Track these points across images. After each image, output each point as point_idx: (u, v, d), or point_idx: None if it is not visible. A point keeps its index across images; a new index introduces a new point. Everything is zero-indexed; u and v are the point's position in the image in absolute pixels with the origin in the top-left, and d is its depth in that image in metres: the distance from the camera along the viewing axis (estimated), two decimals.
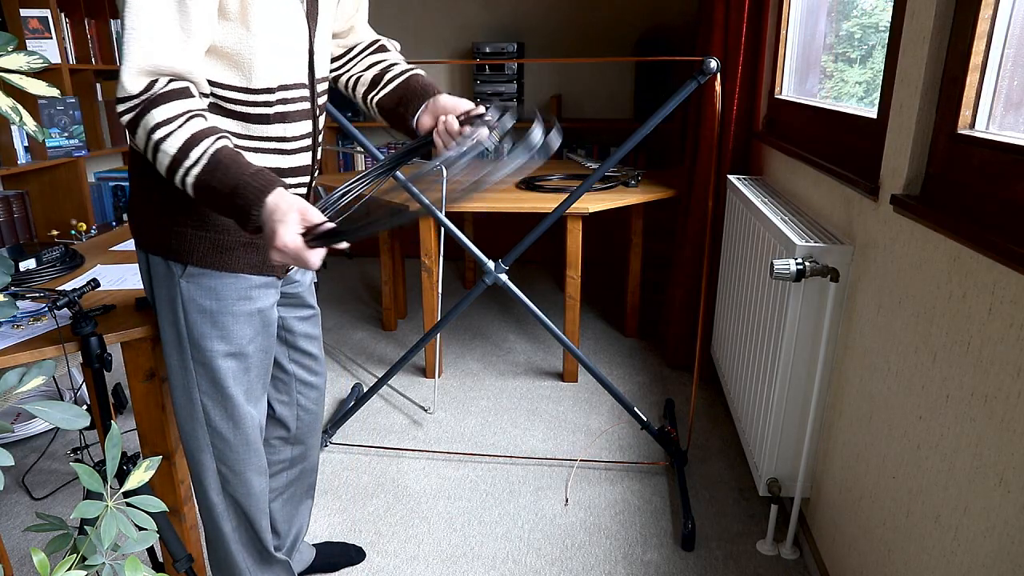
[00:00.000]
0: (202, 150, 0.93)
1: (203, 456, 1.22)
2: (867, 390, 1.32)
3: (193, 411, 1.18)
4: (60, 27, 2.92)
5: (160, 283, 1.12)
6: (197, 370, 1.15)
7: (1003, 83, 1.06)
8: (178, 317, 1.12)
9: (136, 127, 0.94)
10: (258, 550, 1.33)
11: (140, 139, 0.95)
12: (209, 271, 1.09)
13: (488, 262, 1.98)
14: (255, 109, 1.05)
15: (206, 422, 1.19)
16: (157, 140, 0.93)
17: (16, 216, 2.90)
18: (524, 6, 3.86)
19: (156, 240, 1.09)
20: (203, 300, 1.10)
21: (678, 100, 1.65)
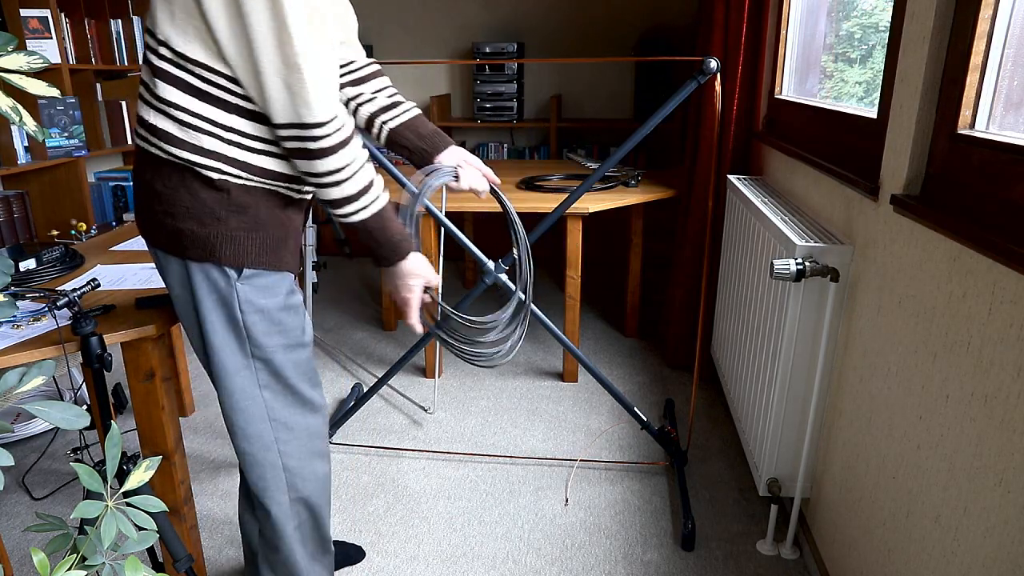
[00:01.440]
0: (375, 194, 1.10)
1: (269, 455, 1.21)
2: (867, 390, 1.32)
3: (258, 411, 1.18)
4: (60, 27, 2.92)
5: (209, 290, 1.10)
6: (258, 367, 1.16)
7: (1003, 83, 1.06)
8: (236, 320, 1.12)
9: (329, 154, 1.02)
10: (319, 540, 1.32)
11: (325, 165, 1.03)
12: (262, 271, 1.12)
13: (488, 262, 1.98)
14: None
15: (269, 418, 1.19)
16: (353, 171, 1.06)
17: (16, 216, 2.90)
18: (524, 6, 3.86)
19: (206, 248, 1.07)
20: (260, 299, 1.12)
21: (678, 100, 1.65)
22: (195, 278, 1.10)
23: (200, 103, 1.03)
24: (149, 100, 1.04)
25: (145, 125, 1.04)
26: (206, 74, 1.01)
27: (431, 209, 1.98)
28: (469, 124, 3.86)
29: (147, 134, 1.05)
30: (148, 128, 1.04)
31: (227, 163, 1.05)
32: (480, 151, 4.09)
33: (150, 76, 1.03)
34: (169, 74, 1.02)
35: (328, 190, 1.06)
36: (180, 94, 1.02)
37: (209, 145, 1.04)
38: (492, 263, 1.98)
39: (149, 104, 1.04)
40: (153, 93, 1.03)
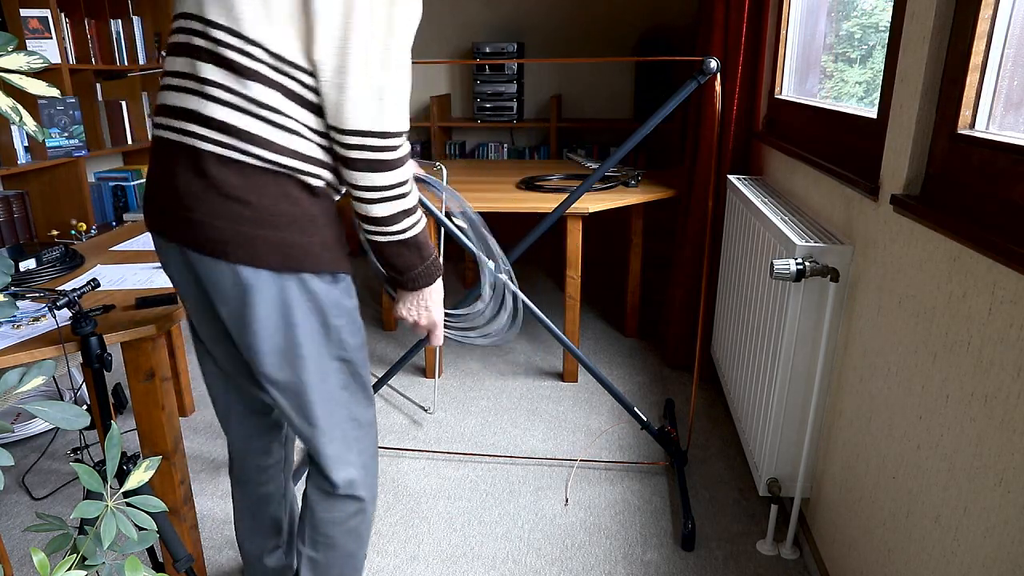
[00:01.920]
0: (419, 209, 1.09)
1: (351, 455, 1.20)
2: (867, 390, 1.32)
3: (342, 412, 1.18)
4: (60, 27, 2.92)
5: (305, 299, 1.07)
6: (342, 369, 1.16)
7: (1003, 83, 1.06)
8: (328, 325, 1.11)
9: (399, 166, 1.02)
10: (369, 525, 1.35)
11: (394, 177, 1.01)
12: (345, 275, 1.12)
13: (488, 262, 1.98)
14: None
15: (350, 417, 1.19)
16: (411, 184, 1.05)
17: (16, 216, 2.90)
18: (524, 6, 3.86)
19: (308, 257, 1.05)
20: (346, 301, 1.13)
21: (678, 100, 1.65)
22: (290, 290, 1.05)
23: (298, 108, 0.99)
24: (234, 103, 0.97)
25: (229, 130, 0.97)
26: (301, 76, 0.98)
27: (431, 209, 1.98)
28: (469, 124, 3.86)
29: (233, 139, 0.97)
30: (235, 133, 0.97)
31: (327, 169, 1.03)
32: (480, 151, 4.09)
33: (233, 77, 0.96)
34: (266, 77, 0.96)
35: (389, 204, 1.02)
36: (280, 98, 0.98)
37: (311, 151, 1.01)
38: (492, 263, 1.98)
39: (234, 107, 0.97)
40: (242, 95, 0.97)
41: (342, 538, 1.24)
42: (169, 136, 1.01)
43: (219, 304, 1.05)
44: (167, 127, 1.02)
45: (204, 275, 1.03)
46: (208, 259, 1.01)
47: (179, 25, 1.01)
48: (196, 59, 0.98)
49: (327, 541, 1.23)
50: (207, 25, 0.96)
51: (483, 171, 3.03)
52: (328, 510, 1.22)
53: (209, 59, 0.97)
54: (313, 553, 1.24)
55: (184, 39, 0.99)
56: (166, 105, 1.02)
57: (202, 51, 0.97)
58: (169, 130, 1.01)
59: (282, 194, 1.01)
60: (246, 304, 1.04)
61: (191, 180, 0.99)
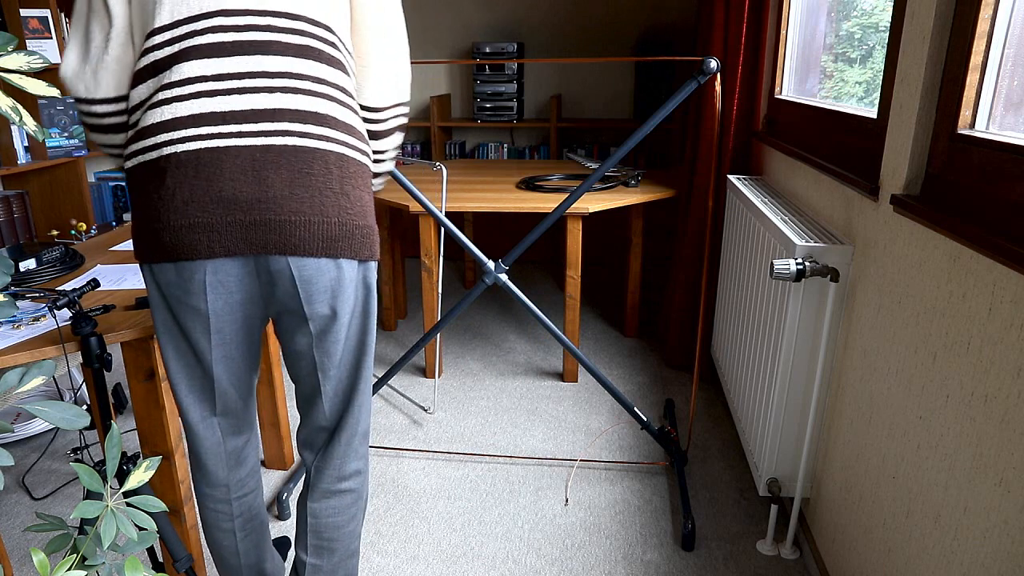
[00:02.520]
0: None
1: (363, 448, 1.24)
2: (867, 390, 1.32)
3: (366, 407, 1.21)
4: (60, 27, 2.92)
5: (371, 286, 1.12)
6: (369, 365, 1.20)
7: (1003, 83, 1.06)
8: (374, 311, 1.16)
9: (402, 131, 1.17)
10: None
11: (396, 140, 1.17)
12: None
13: (488, 262, 1.98)
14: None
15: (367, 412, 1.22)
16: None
17: (16, 216, 2.90)
18: (524, 6, 3.86)
19: (376, 244, 1.10)
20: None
21: (678, 100, 1.65)
22: (370, 278, 1.10)
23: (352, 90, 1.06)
24: (319, 91, 0.97)
25: (322, 120, 0.97)
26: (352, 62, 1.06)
27: (431, 209, 1.98)
28: (469, 124, 3.86)
29: (328, 130, 0.97)
30: (329, 123, 0.97)
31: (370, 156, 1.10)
32: (480, 151, 4.09)
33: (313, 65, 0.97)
34: (344, 63, 1.02)
35: (387, 164, 1.20)
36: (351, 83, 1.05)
37: (365, 133, 1.08)
38: (492, 263, 1.98)
39: (319, 95, 0.97)
40: (327, 82, 0.97)
41: (344, 540, 1.24)
42: (239, 143, 0.93)
43: (308, 303, 1.02)
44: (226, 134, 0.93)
45: (301, 278, 0.99)
46: (310, 260, 0.98)
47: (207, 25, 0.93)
48: (265, 54, 0.93)
49: (330, 545, 1.23)
50: (273, 16, 0.94)
51: (483, 171, 3.03)
52: (333, 511, 1.22)
53: (291, 52, 0.94)
54: (317, 560, 1.23)
55: (232, 37, 0.93)
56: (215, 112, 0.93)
57: (272, 44, 0.93)
58: (235, 136, 0.93)
59: (364, 183, 1.04)
60: (340, 299, 1.05)
61: (292, 181, 0.94)
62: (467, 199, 2.41)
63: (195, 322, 1.03)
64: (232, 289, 1.01)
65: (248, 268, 1.00)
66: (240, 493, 1.27)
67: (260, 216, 0.94)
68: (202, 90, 0.93)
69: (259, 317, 1.10)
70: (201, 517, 1.28)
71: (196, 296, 1.00)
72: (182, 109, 0.93)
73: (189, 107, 0.93)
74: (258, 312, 1.08)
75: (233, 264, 0.98)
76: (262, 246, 0.96)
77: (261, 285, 1.02)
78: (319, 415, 1.18)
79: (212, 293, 1.00)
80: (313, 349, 1.10)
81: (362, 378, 1.17)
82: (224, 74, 0.93)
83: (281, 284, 1.01)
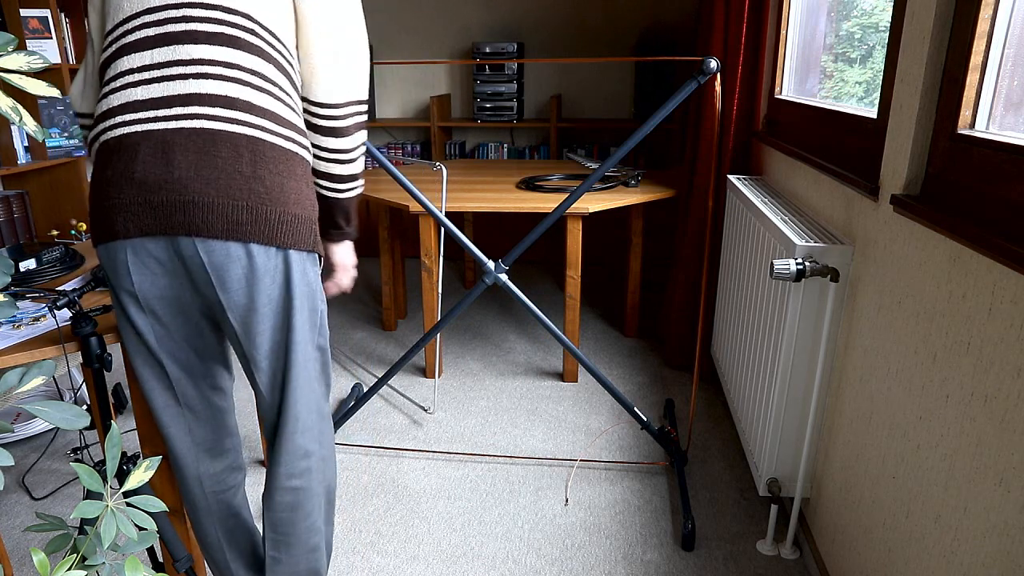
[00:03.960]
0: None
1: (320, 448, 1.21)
2: (867, 390, 1.32)
3: (315, 403, 1.18)
4: (60, 27, 2.92)
5: (302, 280, 1.09)
6: (319, 359, 1.18)
7: (1003, 83, 1.06)
8: (316, 309, 1.14)
9: (365, 128, 1.17)
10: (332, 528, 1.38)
11: (358, 139, 1.15)
12: (322, 258, 1.17)
13: (488, 262, 1.98)
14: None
15: (317, 410, 1.20)
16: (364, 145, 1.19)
17: (16, 216, 2.90)
18: (524, 6, 3.86)
19: (310, 236, 1.09)
20: (321, 286, 1.16)
21: (678, 100, 1.65)
22: (294, 270, 1.07)
23: (287, 81, 1.06)
24: (234, 76, 1.00)
25: (238, 104, 0.99)
26: (287, 55, 1.06)
27: (431, 209, 1.98)
28: (469, 124, 3.86)
29: (240, 113, 0.99)
30: (245, 107, 1.00)
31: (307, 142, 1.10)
32: (480, 151, 4.09)
33: (232, 52, 1.00)
34: (265, 51, 1.02)
35: (355, 164, 1.17)
36: (278, 73, 1.04)
37: (300, 124, 1.08)
38: (492, 263, 1.98)
39: (234, 80, 1.00)
40: (244, 68, 1.00)
41: (302, 535, 1.23)
42: (153, 127, 0.98)
43: (223, 291, 1.04)
44: (144, 119, 0.99)
45: (211, 264, 1.01)
46: (216, 243, 1.00)
47: (140, 22, 1.01)
48: (179, 44, 0.98)
49: (286, 540, 1.23)
50: (190, 7, 0.99)
51: (483, 171, 3.03)
52: (286, 506, 1.21)
53: (198, 39, 0.98)
54: (275, 554, 1.23)
55: (153, 31, 1.00)
56: (136, 100, 1.00)
57: (186, 34, 0.98)
58: (151, 121, 0.99)
59: (288, 171, 1.03)
60: (256, 288, 1.04)
61: (199, 163, 0.97)
62: (467, 199, 2.41)
63: (130, 303, 1.08)
64: (156, 271, 1.05)
65: (167, 252, 1.03)
66: (217, 488, 1.28)
67: (167, 197, 0.98)
68: (128, 82, 1.01)
69: (197, 307, 1.11)
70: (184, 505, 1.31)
71: (123, 276, 1.05)
72: (114, 100, 1.01)
73: (118, 97, 1.01)
74: (194, 301, 1.09)
75: (153, 245, 1.02)
76: (170, 227, 0.99)
77: (183, 271, 1.06)
78: (263, 402, 1.18)
79: (137, 274, 1.04)
80: (240, 339, 1.11)
81: (297, 366, 1.13)
82: (146, 65, 1.00)
83: (196, 271, 1.04)
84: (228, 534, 1.32)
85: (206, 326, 1.15)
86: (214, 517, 1.29)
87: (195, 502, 1.28)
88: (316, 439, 1.20)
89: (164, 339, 1.12)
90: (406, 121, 4.01)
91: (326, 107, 1.09)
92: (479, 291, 1.98)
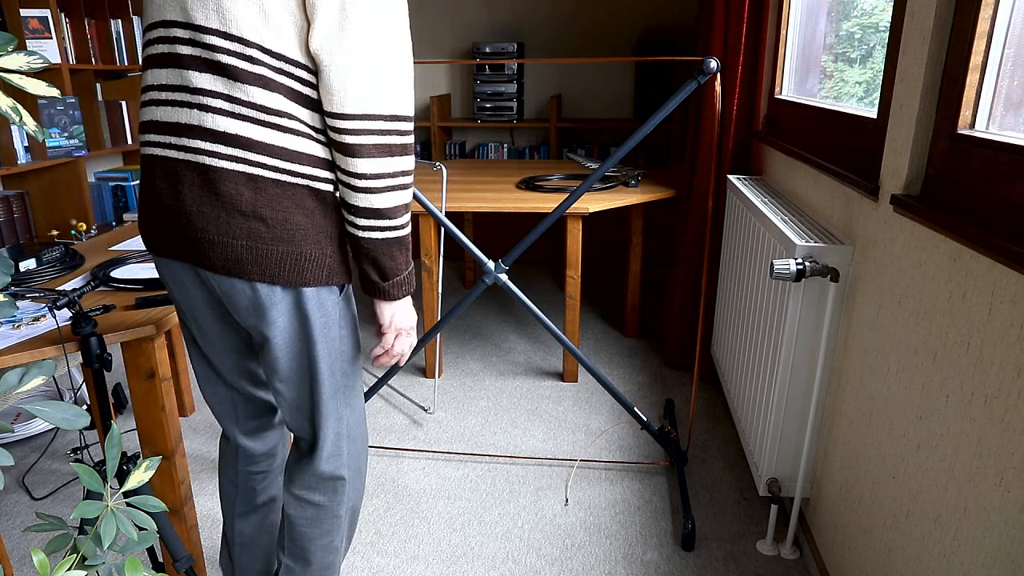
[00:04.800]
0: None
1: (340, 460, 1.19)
2: (867, 390, 1.32)
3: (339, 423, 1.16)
4: (60, 27, 2.92)
5: (320, 314, 1.05)
6: (345, 383, 1.15)
7: (1003, 83, 1.06)
8: (337, 337, 1.10)
9: (409, 152, 0.99)
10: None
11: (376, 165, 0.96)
12: (348, 284, 1.11)
13: (488, 262, 1.98)
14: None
15: (347, 435, 1.19)
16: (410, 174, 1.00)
17: (16, 216, 2.90)
18: (524, 6, 3.86)
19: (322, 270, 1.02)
20: (349, 311, 1.13)
21: (678, 100, 1.65)
22: (309, 305, 1.03)
23: (301, 108, 0.95)
24: (236, 111, 0.92)
25: (237, 141, 0.93)
26: (301, 73, 0.94)
27: (431, 209, 1.98)
28: (469, 124, 3.86)
29: (242, 151, 0.93)
30: (243, 144, 0.93)
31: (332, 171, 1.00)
32: (480, 151, 4.09)
33: (232, 84, 0.91)
34: (267, 79, 0.92)
35: (372, 196, 0.97)
36: (283, 100, 0.93)
37: (316, 152, 0.97)
38: (492, 263, 1.98)
39: (237, 116, 0.92)
40: (244, 103, 0.92)
41: (318, 552, 1.23)
42: (166, 154, 0.96)
43: (236, 315, 1.05)
44: (160, 144, 0.97)
45: (221, 292, 1.01)
46: (223, 278, 0.99)
47: (158, 35, 0.95)
48: (185, 68, 0.93)
49: (303, 555, 1.23)
50: (195, 31, 0.91)
51: (483, 171, 3.03)
52: (307, 521, 1.21)
53: (202, 67, 0.92)
54: (292, 563, 1.24)
55: (166, 49, 0.94)
56: (155, 121, 0.97)
57: (191, 59, 0.92)
58: (165, 147, 0.97)
59: (295, 206, 0.97)
60: (264, 321, 1.02)
61: (201, 199, 0.95)
62: (467, 199, 2.41)
63: (176, 308, 1.16)
64: (187, 287, 1.08)
65: (189, 273, 1.06)
66: (248, 466, 1.30)
67: (177, 227, 0.99)
68: (152, 98, 0.99)
69: (232, 318, 1.12)
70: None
71: (166, 285, 1.11)
72: (145, 114, 1.02)
73: (147, 113, 1.01)
74: (228, 312, 1.11)
75: (179, 265, 1.05)
76: (184, 255, 1.01)
77: (206, 290, 1.07)
78: (287, 424, 1.20)
79: (172, 285, 1.09)
80: (260, 359, 1.11)
81: (321, 395, 1.11)
82: (162, 84, 0.97)
83: (214, 293, 1.06)
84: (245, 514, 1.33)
85: (246, 333, 1.16)
86: (241, 489, 1.32)
87: (227, 467, 1.32)
88: (341, 464, 1.19)
89: (206, 344, 1.16)
90: None
91: (334, 117, 0.94)
92: (479, 291, 1.98)
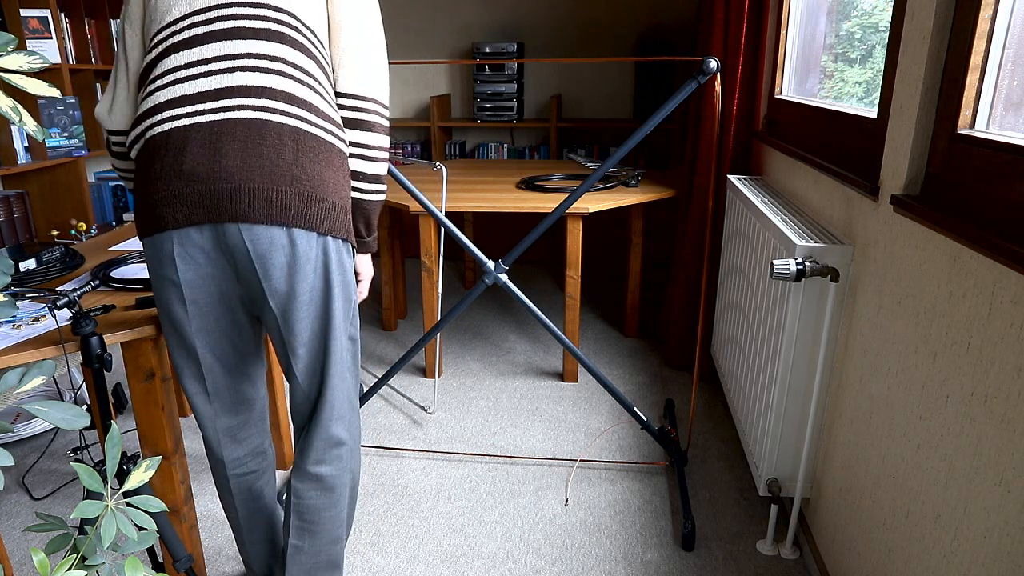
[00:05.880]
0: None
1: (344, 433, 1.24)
2: (867, 390, 1.32)
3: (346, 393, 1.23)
4: (60, 27, 2.92)
5: (340, 268, 1.15)
6: (351, 349, 1.22)
7: (1003, 83, 1.06)
8: (350, 300, 1.19)
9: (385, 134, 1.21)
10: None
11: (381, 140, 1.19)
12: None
13: (488, 262, 1.98)
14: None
15: (349, 399, 1.24)
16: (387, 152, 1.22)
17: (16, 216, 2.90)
18: (524, 6, 3.86)
19: (345, 224, 1.14)
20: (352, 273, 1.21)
21: (678, 100, 1.65)
22: (331, 258, 1.12)
23: (324, 76, 1.12)
24: (296, 76, 1.07)
25: (285, 97, 1.05)
26: (327, 54, 1.13)
27: (431, 209, 1.98)
28: (469, 124, 3.86)
29: (289, 106, 1.06)
30: (291, 100, 1.06)
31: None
32: (480, 151, 4.09)
33: (289, 51, 1.07)
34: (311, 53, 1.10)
35: (378, 164, 1.20)
36: (321, 74, 1.11)
37: (337, 117, 1.14)
38: (492, 263, 1.98)
39: (296, 79, 1.07)
40: (302, 69, 1.08)
41: (327, 523, 1.26)
42: (202, 120, 1.03)
43: (265, 279, 1.08)
44: (193, 113, 1.04)
45: (253, 250, 1.05)
46: (260, 229, 1.04)
47: (190, 22, 1.06)
48: (228, 39, 1.04)
49: (312, 528, 1.25)
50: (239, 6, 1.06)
51: (483, 171, 3.03)
52: (316, 493, 1.24)
53: (249, 35, 1.05)
54: (298, 542, 1.25)
55: (203, 30, 1.05)
56: (183, 96, 1.05)
57: (236, 31, 1.05)
58: (200, 114, 1.03)
59: (327, 161, 1.09)
60: (296, 271, 1.08)
61: (245, 152, 1.02)
62: (467, 199, 2.41)
63: (172, 293, 1.11)
64: (200, 261, 1.08)
65: (212, 241, 1.07)
66: (239, 471, 1.32)
67: (215, 185, 1.02)
68: (176, 78, 1.05)
69: (238, 296, 1.14)
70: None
71: (168, 267, 1.09)
72: (161, 96, 1.05)
73: (165, 94, 1.05)
74: (235, 291, 1.13)
75: (198, 234, 1.06)
76: (217, 214, 1.03)
77: (227, 262, 1.09)
78: (298, 391, 1.22)
79: (181, 263, 1.08)
80: (280, 328, 1.14)
81: (334, 354, 1.18)
82: (193, 62, 1.05)
83: (240, 259, 1.07)
84: (249, 516, 1.37)
85: (245, 320, 1.19)
86: (237, 497, 1.35)
87: (219, 480, 1.35)
88: (347, 428, 1.24)
89: (202, 331, 1.16)
90: (406, 121, 4.01)
91: (354, 98, 1.15)
92: (479, 291, 1.98)
